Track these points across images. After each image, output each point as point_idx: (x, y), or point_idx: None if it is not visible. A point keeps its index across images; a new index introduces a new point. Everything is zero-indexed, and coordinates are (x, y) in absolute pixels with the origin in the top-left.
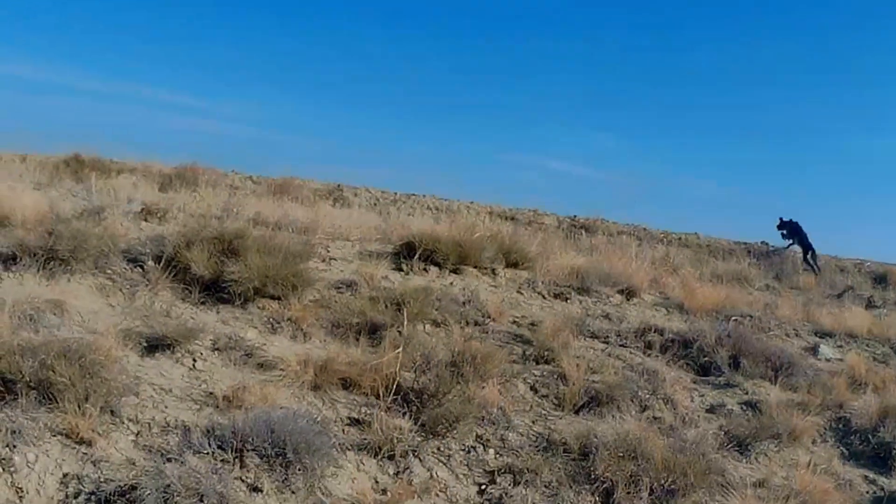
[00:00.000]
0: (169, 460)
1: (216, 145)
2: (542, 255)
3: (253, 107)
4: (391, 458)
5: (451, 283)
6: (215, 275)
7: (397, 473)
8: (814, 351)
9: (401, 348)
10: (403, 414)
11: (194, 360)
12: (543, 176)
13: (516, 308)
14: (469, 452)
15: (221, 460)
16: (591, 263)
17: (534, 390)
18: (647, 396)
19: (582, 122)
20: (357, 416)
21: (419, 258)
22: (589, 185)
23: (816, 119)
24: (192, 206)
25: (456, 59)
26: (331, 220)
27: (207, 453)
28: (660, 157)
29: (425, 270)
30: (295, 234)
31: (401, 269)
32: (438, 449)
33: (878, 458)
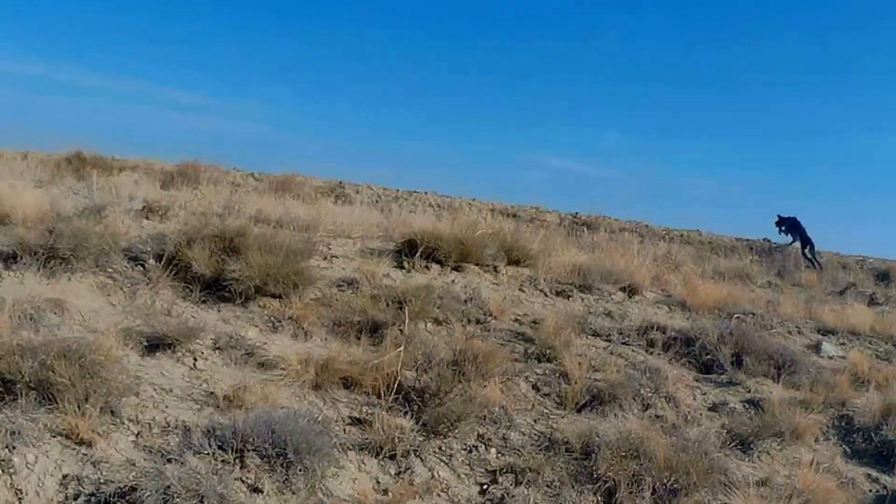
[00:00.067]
0: (169, 461)
1: (218, 143)
2: (544, 253)
3: (255, 105)
4: (392, 457)
5: (453, 281)
6: (216, 273)
7: (399, 473)
8: (816, 348)
9: (402, 347)
10: (405, 413)
11: (195, 360)
12: (545, 173)
13: (518, 306)
14: (471, 452)
15: (222, 461)
16: (593, 261)
17: (536, 389)
18: (650, 395)
19: (583, 119)
20: (358, 416)
21: (421, 256)
22: (591, 183)
23: (818, 118)
24: (194, 204)
25: (457, 58)
26: (332, 218)
27: (208, 454)
28: (661, 154)
29: (427, 268)
30: (296, 231)
31: (402, 267)
32: (440, 448)
33: (880, 456)
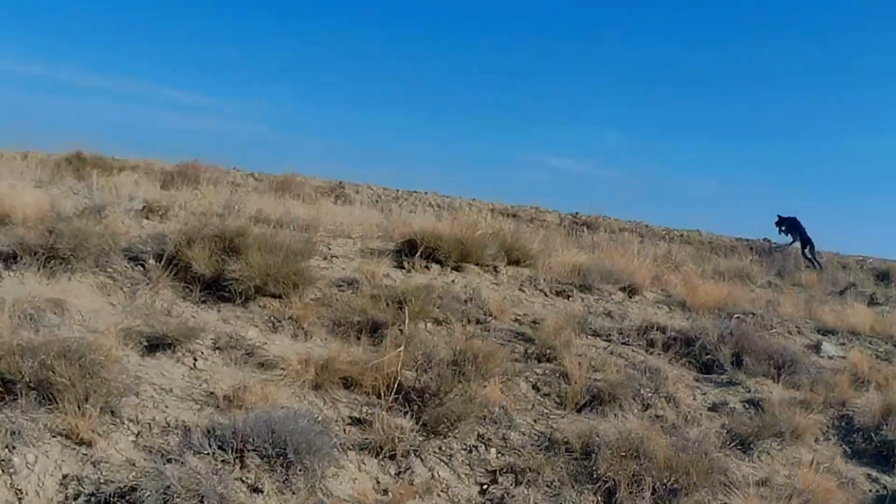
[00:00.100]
0: (169, 461)
1: (218, 143)
2: (544, 253)
3: (255, 105)
4: (392, 457)
5: (453, 281)
6: (216, 273)
7: (399, 473)
8: (816, 348)
9: (402, 347)
10: (405, 413)
11: (195, 360)
12: (545, 173)
13: (518, 306)
14: (471, 452)
15: (222, 461)
16: (593, 261)
17: (536, 389)
18: (650, 395)
19: (583, 119)
20: (358, 416)
21: (421, 256)
22: (590, 183)
23: (818, 118)
24: (194, 204)
25: (456, 58)
26: (332, 218)
27: (208, 454)
28: (661, 154)
29: (427, 268)
30: (296, 231)
31: (402, 267)
32: (440, 448)
33: (880, 456)
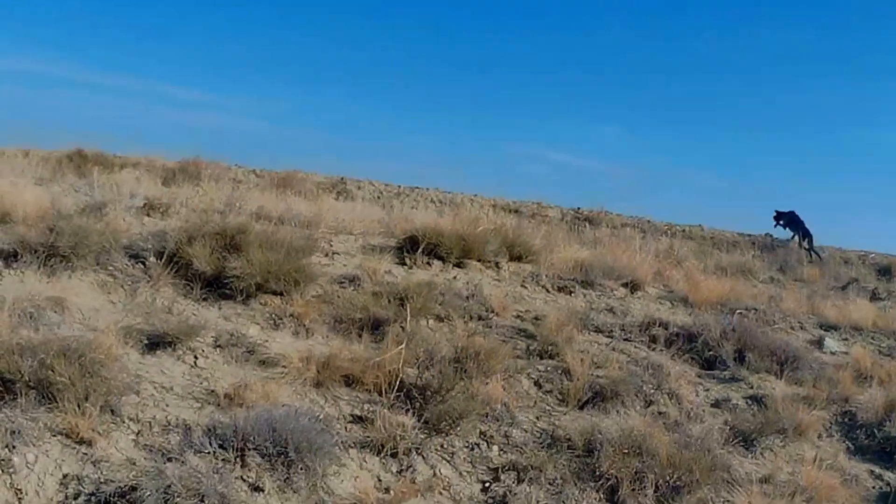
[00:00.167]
0: (170, 460)
1: (219, 140)
2: (546, 249)
3: (256, 101)
4: (394, 455)
5: (455, 278)
6: (217, 270)
7: (400, 471)
8: (819, 344)
9: (404, 344)
10: (406, 411)
11: (196, 358)
12: (547, 168)
13: (520, 302)
14: (473, 449)
15: (222, 460)
16: (595, 256)
17: (538, 386)
18: (652, 391)
19: (584, 114)
20: (360, 414)
21: (422, 252)
22: (592, 177)
23: (819, 111)
24: (195, 201)
25: (457, 53)
26: (334, 214)
27: (208, 452)
28: (663, 148)
29: (428, 264)
30: (298, 228)
31: (404, 264)
32: (442, 446)
33: (884, 452)
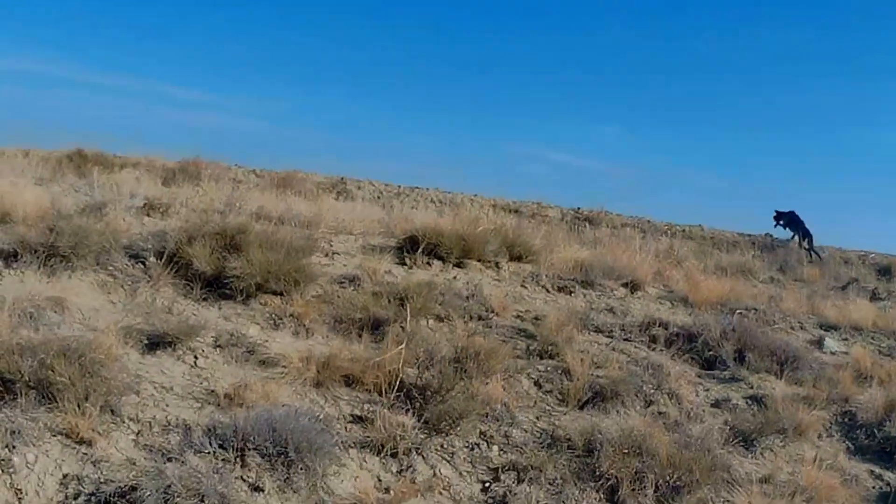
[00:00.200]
0: (170, 460)
1: (219, 140)
2: (546, 249)
3: (256, 101)
4: (394, 455)
5: (455, 278)
6: (217, 270)
7: (400, 471)
8: (819, 344)
9: (404, 344)
10: (406, 411)
11: (196, 358)
12: (547, 168)
13: (520, 302)
14: (473, 449)
15: (223, 460)
16: (595, 256)
17: (538, 386)
18: (652, 391)
19: (584, 114)
20: (360, 414)
21: (422, 252)
22: (592, 177)
23: (821, 110)
24: (195, 201)
25: (457, 53)
26: (334, 214)
27: (208, 452)
28: (663, 148)
29: (428, 264)
30: (298, 228)
31: (404, 264)
32: (442, 446)
33: (884, 452)
